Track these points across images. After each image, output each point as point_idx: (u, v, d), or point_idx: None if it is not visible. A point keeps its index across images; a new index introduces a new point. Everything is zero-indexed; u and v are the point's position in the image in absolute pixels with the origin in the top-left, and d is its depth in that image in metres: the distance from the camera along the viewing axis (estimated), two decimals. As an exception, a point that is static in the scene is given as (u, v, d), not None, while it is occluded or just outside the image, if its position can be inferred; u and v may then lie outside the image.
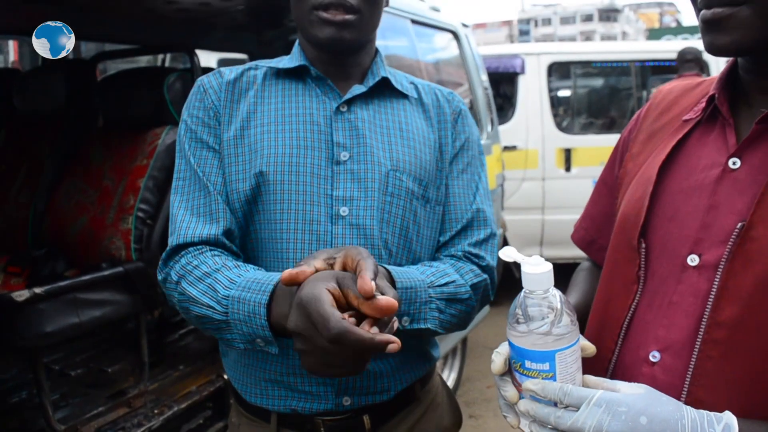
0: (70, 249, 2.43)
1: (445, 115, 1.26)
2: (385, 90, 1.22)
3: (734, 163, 0.85)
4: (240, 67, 1.21)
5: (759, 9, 0.78)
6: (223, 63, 6.35)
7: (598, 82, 6.46)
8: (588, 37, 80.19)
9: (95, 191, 2.42)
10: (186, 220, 1.10)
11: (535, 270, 0.78)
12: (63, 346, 2.81)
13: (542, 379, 0.77)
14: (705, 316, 0.81)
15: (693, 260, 0.84)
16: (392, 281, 1.02)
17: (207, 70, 2.98)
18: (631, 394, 0.74)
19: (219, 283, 1.01)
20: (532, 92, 5.50)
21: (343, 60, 1.19)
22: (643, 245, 0.91)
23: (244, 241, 1.15)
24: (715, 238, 0.83)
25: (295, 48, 1.22)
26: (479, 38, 75.59)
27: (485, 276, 1.19)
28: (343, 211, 1.12)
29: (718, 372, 0.80)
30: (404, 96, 1.24)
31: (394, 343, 0.79)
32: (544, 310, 0.77)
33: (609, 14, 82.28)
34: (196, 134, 1.15)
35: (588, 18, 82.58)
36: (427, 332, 1.10)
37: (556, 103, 5.77)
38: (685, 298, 0.84)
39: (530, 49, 5.85)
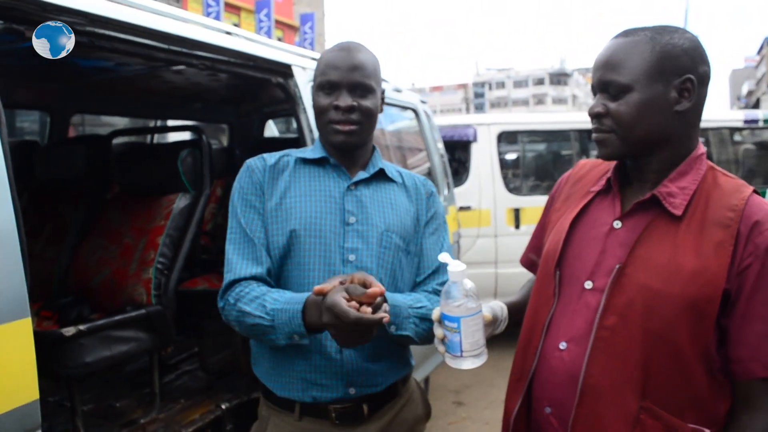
0: (94, 296, 2.84)
1: (421, 195, 1.76)
2: (380, 176, 1.72)
3: (617, 224, 1.38)
4: (276, 154, 1.71)
5: (620, 136, 1.33)
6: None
7: (542, 148, 7.07)
8: (540, 99, 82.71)
9: (117, 247, 2.86)
10: (238, 263, 1.58)
11: (456, 269, 1.33)
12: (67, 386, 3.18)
13: (453, 332, 1.32)
14: (596, 322, 1.32)
15: (588, 285, 1.37)
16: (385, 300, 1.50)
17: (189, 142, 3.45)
18: None
19: (266, 301, 1.49)
20: (484, 158, 6.05)
21: (351, 154, 1.69)
22: (558, 273, 1.43)
23: (278, 278, 1.62)
24: (603, 272, 1.36)
25: (317, 143, 1.73)
26: (436, 101, 77.25)
27: None
28: (351, 257, 1.60)
29: (604, 357, 1.31)
30: (393, 181, 1.74)
31: (385, 317, 1.33)
32: (459, 293, 1.31)
33: (559, 78, 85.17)
34: (246, 200, 1.64)
35: (540, 81, 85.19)
36: (407, 339, 1.58)
37: (505, 167, 6.32)
38: (582, 309, 1.36)
39: (482, 120, 6.41)
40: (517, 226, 6.02)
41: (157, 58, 2.31)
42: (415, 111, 4.40)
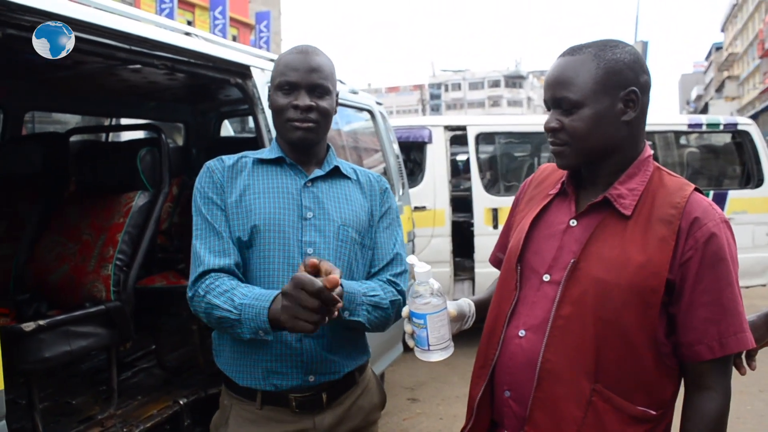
0: (52, 293, 2.85)
1: (375, 191, 1.86)
2: (336, 173, 1.81)
3: (573, 223, 1.50)
4: (234, 156, 1.77)
5: (574, 148, 1.44)
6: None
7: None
8: (495, 102, 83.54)
9: (75, 244, 2.88)
10: (206, 255, 1.64)
11: (422, 270, 1.43)
12: (24, 384, 3.16)
13: (420, 328, 1.42)
14: (552, 312, 1.43)
15: (546, 278, 1.48)
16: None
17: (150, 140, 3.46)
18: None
19: (235, 296, 1.55)
20: (439, 159, 6.17)
21: (306, 152, 1.77)
22: (519, 268, 1.54)
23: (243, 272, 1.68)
24: (560, 266, 1.47)
25: (274, 144, 1.80)
26: (392, 101, 77.35)
27: (400, 297, 1.76)
28: (309, 250, 1.68)
29: (560, 343, 1.41)
30: (348, 178, 1.83)
31: (340, 302, 1.43)
32: (426, 292, 1.41)
33: (515, 80, 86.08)
34: (209, 199, 1.69)
35: (495, 84, 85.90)
36: (360, 325, 1.66)
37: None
38: (541, 300, 1.47)
39: (437, 121, 6.53)
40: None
41: (117, 58, 2.35)
42: (371, 112, 4.48)
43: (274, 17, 27.87)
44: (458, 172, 7.68)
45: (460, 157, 7.12)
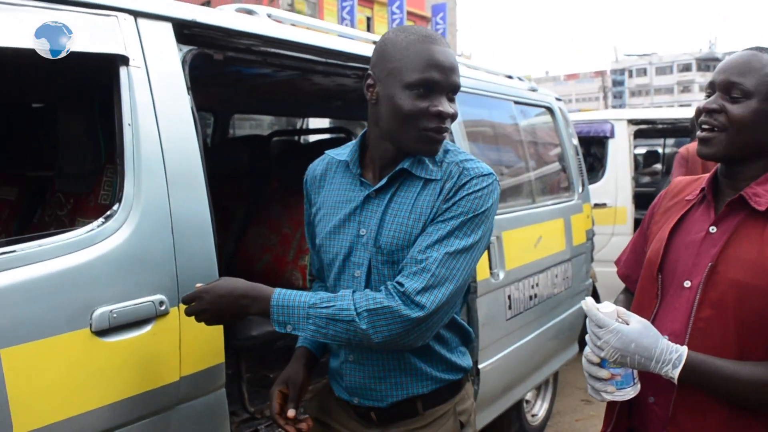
0: (256, 280, 3.17)
1: (449, 189, 1.49)
2: (407, 176, 1.53)
3: (712, 229, 1.50)
4: (324, 158, 1.73)
5: (730, 135, 1.45)
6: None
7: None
8: (686, 87, 77.86)
9: (276, 236, 3.22)
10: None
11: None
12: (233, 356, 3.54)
13: (624, 367, 1.38)
14: (692, 315, 1.45)
15: (687, 284, 1.49)
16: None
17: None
18: (631, 327, 1.36)
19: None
20: (621, 154, 5.97)
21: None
22: (660, 277, 1.56)
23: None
24: (699, 271, 1.47)
25: (357, 142, 1.62)
26: (571, 89, 75.07)
27: (389, 304, 1.41)
28: (357, 273, 1.55)
29: (701, 346, 1.41)
30: (428, 179, 1.51)
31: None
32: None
33: (708, 63, 79.87)
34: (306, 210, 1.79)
35: (686, 68, 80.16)
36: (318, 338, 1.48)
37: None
38: (682, 305, 1.49)
39: (620, 115, 6.32)
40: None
41: (316, 71, 2.59)
42: (550, 109, 4.47)
43: (450, 8, 28.08)
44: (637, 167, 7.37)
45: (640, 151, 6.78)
